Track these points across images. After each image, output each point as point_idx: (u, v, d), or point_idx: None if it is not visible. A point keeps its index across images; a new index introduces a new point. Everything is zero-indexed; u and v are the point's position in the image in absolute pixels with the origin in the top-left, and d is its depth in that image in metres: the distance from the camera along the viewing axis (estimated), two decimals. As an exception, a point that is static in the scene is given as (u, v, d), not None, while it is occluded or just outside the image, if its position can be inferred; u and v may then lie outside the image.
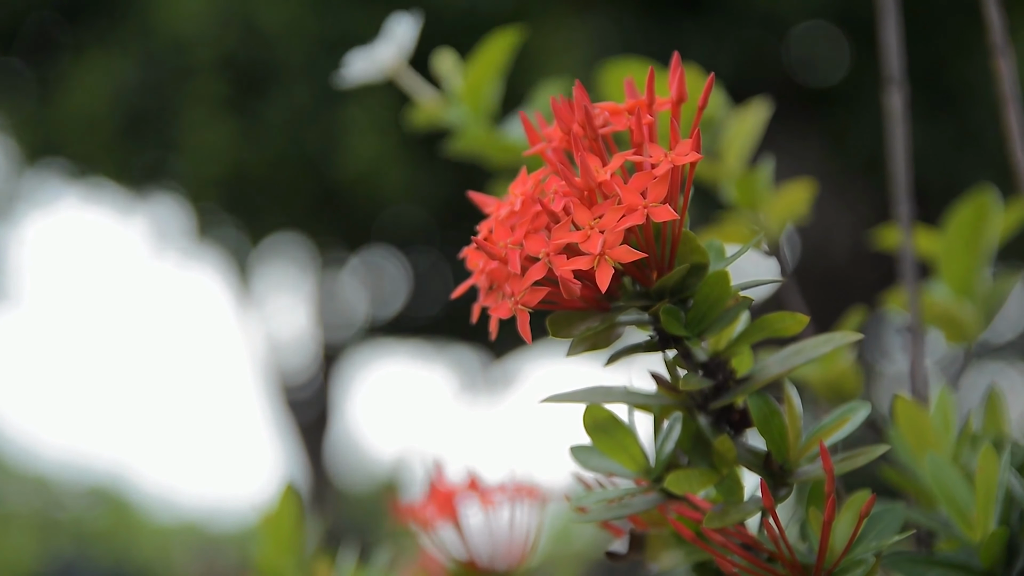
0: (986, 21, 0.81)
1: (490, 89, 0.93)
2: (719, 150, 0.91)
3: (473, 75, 0.93)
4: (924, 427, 0.70)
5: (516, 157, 0.93)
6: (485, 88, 0.93)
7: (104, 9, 4.28)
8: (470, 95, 0.93)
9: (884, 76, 0.89)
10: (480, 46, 0.93)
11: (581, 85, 0.57)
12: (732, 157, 0.91)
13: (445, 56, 0.95)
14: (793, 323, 0.59)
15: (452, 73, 0.94)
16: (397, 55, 0.92)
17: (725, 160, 0.91)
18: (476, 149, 0.94)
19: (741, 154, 0.91)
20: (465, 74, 0.93)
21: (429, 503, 0.87)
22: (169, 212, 5.07)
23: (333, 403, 6.13)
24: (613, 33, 3.69)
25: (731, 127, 0.91)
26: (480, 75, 0.93)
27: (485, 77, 0.93)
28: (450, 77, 0.94)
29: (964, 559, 0.64)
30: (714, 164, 0.91)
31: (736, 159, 0.91)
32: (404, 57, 0.92)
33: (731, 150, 0.91)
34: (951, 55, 3.77)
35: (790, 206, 0.90)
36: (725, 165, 0.91)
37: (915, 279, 0.85)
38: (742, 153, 0.91)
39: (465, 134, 0.93)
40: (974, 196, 0.87)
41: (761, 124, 0.90)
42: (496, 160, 0.93)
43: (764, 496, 0.56)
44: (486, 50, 0.92)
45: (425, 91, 0.95)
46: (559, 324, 0.57)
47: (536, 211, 0.55)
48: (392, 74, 0.93)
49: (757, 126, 0.90)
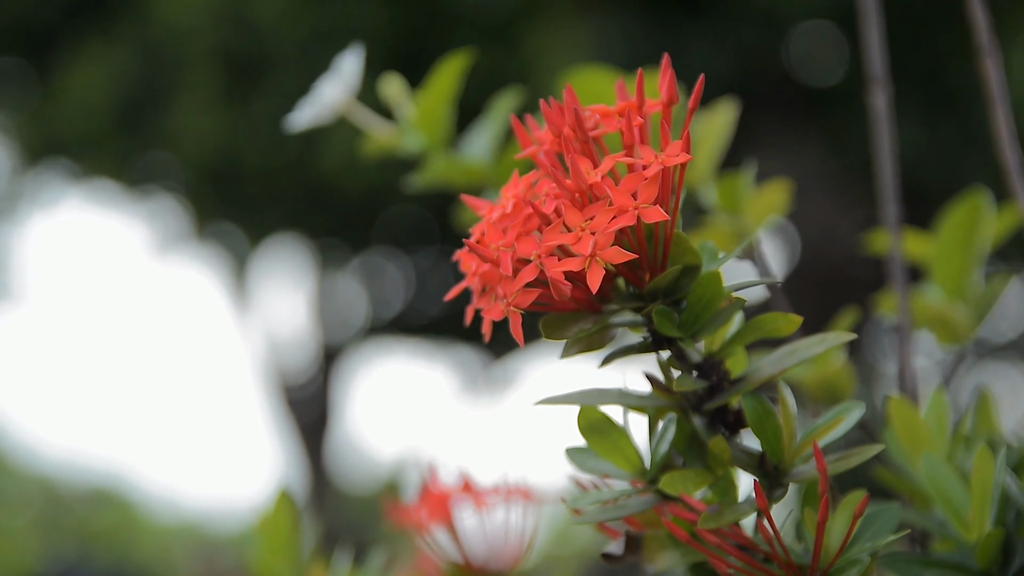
0: (971, 23, 0.81)
1: (444, 116, 0.93)
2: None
3: (427, 103, 0.92)
4: (918, 428, 0.71)
5: (479, 178, 0.92)
6: (439, 115, 0.92)
7: (102, 2, 4.29)
8: (425, 123, 0.92)
9: (868, 76, 0.88)
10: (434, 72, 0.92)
11: (571, 88, 0.57)
12: (701, 158, 0.90)
13: (391, 82, 0.94)
14: (786, 323, 0.59)
15: (401, 100, 0.94)
16: (344, 92, 0.92)
17: (695, 162, 0.90)
18: (438, 177, 0.93)
19: (710, 155, 0.90)
20: (419, 102, 0.93)
21: (424, 505, 0.87)
22: (168, 211, 5.08)
23: (333, 403, 6.13)
24: (613, 33, 3.69)
25: (698, 128, 0.90)
26: (434, 103, 0.92)
27: (439, 104, 0.92)
28: (399, 104, 0.94)
29: (960, 560, 0.64)
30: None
31: (705, 161, 0.90)
32: (352, 93, 0.92)
33: (700, 151, 0.90)
34: (951, 55, 3.77)
35: (770, 206, 0.90)
36: (695, 167, 0.90)
37: (904, 280, 0.85)
38: (711, 154, 0.90)
39: (428, 164, 0.92)
40: (967, 198, 0.87)
41: (729, 124, 0.89)
42: (459, 183, 0.92)
43: (758, 497, 0.56)
44: (438, 76, 0.92)
45: (378, 123, 0.94)
46: (552, 326, 0.57)
47: (527, 213, 0.55)
48: (343, 111, 0.93)
49: (725, 126, 0.89)
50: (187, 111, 4.13)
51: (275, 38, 3.93)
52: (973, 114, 3.77)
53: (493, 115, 0.93)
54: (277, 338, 6.12)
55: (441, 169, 0.92)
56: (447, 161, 0.92)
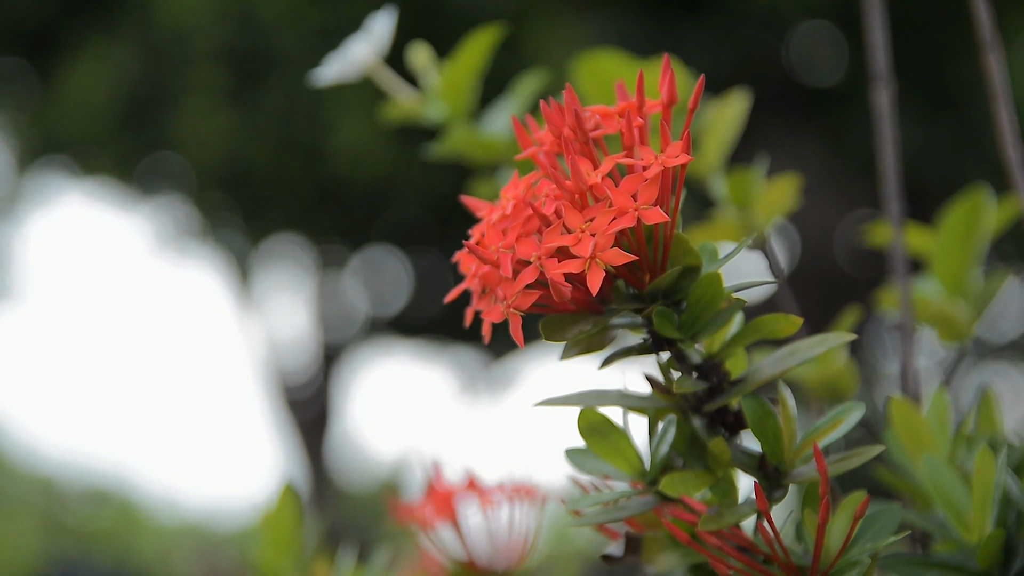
0: (973, 18, 0.81)
1: (469, 88, 0.92)
2: (696, 141, 0.89)
3: (452, 73, 0.92)
4: (919, 428, 0.70)
5: (497, 154, 0.92)
6: (464, 87, 0.92)
7: (104, 1, 4.29)
8: (449, 94, 0.92)
9: (871, 73, 0.88)
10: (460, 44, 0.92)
11: (572, 89, 0.57)
12: (711, 149, 0.90)
13: (419, 51, 0.93)
14: (787, 325, 0.59)
15: (427, 69, 0.93)
16: (373, 53, 0.92)
17: (704, 152, 0.90)
18: (457, 148, 0.93)
19: (721, 146, 0.90)
20: (444, 72, 0.92)
21: (427, 503, 0.87)
22: (170, 210, 5.08)
23: (333, 403, 6.13)
24: (612, 32, 3.69)
25: (709, 117, 0.89)
26: (460, 74, 0.92)
27: (465, 76, 0.92)
28: (425, 73, 0.94)
29: (961, 561, 0.64)
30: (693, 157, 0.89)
31: (715, 151, 0.90)
32: (380, 54, 0.92)
33: (710, 141, 0.89)
34: (951, 55, 3.77)
35: (778, 201, 0.89)
36: (704, 157, 0.90)
37: (906, 277, 0.85)
38: (722, 145, 0.90)
39: (448, 135, 0.92)
40: (968, 195, 0.87)
41: (741, 114, 0.89)
42: (477, 158, 0.92)
43: (758, 498, 0.56)
44: (466, 49, 0.91)
45: (402, 88, 0.94)
46: (552, 327, 0.57)
47: (527, 215, 0.55)
48: (369, 72, 0.92)
49: (737, 116, 0.89)
50: (191, 110, 4.13)
51: (280, 36, 3.93)
52: (973, 113, 3.77)
53: (516, 93, 0.93)
54: (278, 338, 6.12)
55: (461, 140, 0.92)
56: (468, 133, 0.92)
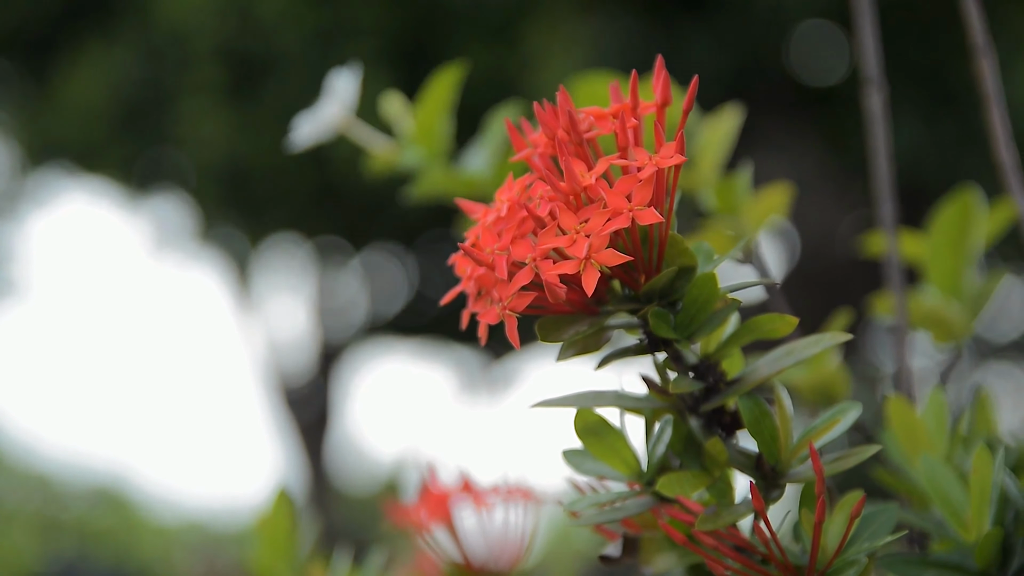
0: (966, 23, 0.81)
1: (442, 127, 0.93)
2: (693, 157, 0.90)
3: (423, 116, 0.92)
4: (916, 428, 0.71)
5: (479, 190, 0.92)
6: (436, 128, 0.92)
7: (103, 3, 4.29)
8: (422, 136, 0.92)
9: (862, 76, 0.88)
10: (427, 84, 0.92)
11: (565, 90, 0.57)
12: (706, 164, 0.90)
13: (391, 99, 0.94)
14: (783, 325, 0.59)
15: (400, 116, 0.94)
16: (342, 110, 0.92)
17: (699, 167, 0.90)
18: (434, 189, 0.93)
19: (715, 161, 0.90)
20: (416, 115, 0.92)
21: (423, 505, 0.87)
22: (170, 211, 5.08)
23: (333, 403, 6.13)
24: (614, 33, 3.69)
25: (704, 134, 0.90)
26: (430, 115, 0.92)
27: (435, 116, 0.92)
28: (399, 120, 0.94)
29: (958, 560, 0.64)
30: (689, 171, 0.90)
31: (710, 166, 0.90)
32: (350, 111, 0.92)
33: (705, 157, 0.90)
34: (950, 55, 3.76)
35: (769, 209, 0.90)
36: (700, 172, 0.90)
37: (900, 279, 0.85)
38: (716, 160, 0.90)
39: (424, 177, 0.92)
40: (958, 196, 0.87)
41: (734, 130, 0.90)
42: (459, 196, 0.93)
43: (755, 498, 0.56)
44: (433, 88, 0.92)
45: (377, 140, 0.94)
46: (548, 328, 0.57)
47: (522, 216, 0.55)
48: (342, 129, 0.93)
49: (730, 132, 0.89)
50: (192, 111, 4.13)
51: (279, 36, 3.93)
52: (973, 114, 3.76)
53: (492, 129, 0.93)
54: (277, 338, 6.12)
55: (439, 182, 0.92)
56: (445, 174, 0.92)
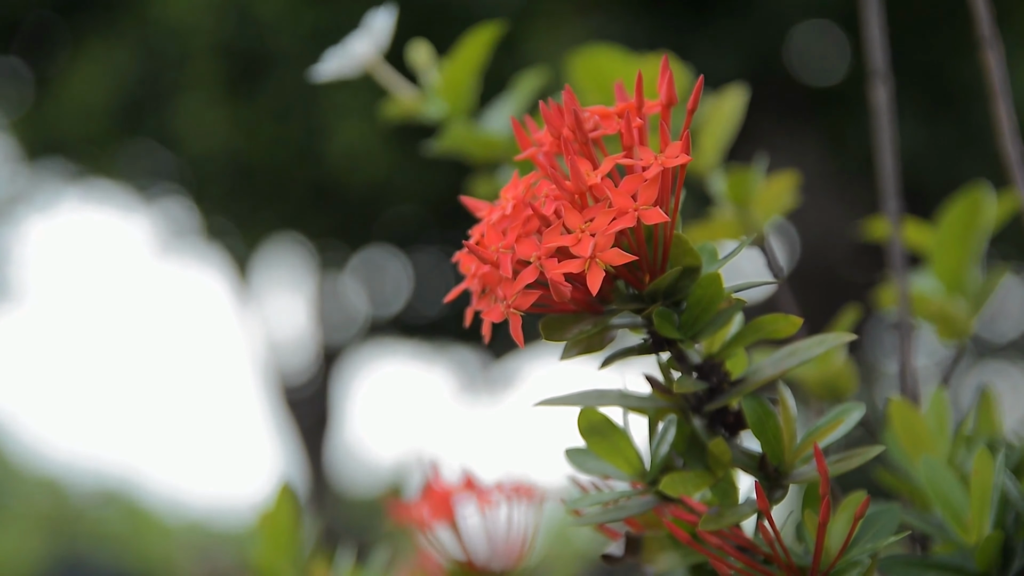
0: (973, 14, 0.80)
1: (469, 85, 0.92)
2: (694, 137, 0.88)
3: (452, 71, 0.92)
4: (918, 428, 0.70)
5: (496, 151, 0.92)
6: (464, 84, 0.92)
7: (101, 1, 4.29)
8: (449, 91, 0.92)
9: (869, 70, 0.88)
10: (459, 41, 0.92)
11: (571, 90, 0.57)
12: (709, 146, 0.89)
13: (420, 49, 0.93)
14: (787, 325, 0.59)
15: (427, 67, 0.93)
16: (374, 49, 0.91)
17: (701, 148, 0.89)
18: (456, 145, 0.93)
19: (718, 142, 0.89)
20: (444, 70, 0.92)
21: (425, 503, 0.87)
22: (170, 211, 5.08)
23: (333, 403, 6.13)
24: (615, 32, 3.69)
25: (706, 113, 0.89)
26: (459, 71, 0.91)
27: (464, 73, 0.91)
28: (425, 71, 0.93)
29: (959, 562, 0.64)
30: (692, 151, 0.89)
31: (713, 147, 0.89)
32: (380, 51, 0.92)
33: (708, 138, 0.89)
34: (951, 54, 3.76)
35: (777, 199, 0.89)
36: (701, 154, 0.89)
37: (904, 275, 0.85)
38: (719, 141, 0.89)
39: (447, 132, 0.92)
40: (968, 191, 0.87)
41: (739, 110, 0.88)
42: (476, 155, 0.92)
43: (759, 498, 0.56)
44: (465, 46, 0.91)
45: (402, 86, 0.94)
46: (552, 327, 0.57)
47: (527, 215, 0.55)
48: (369, 68, 0.92)
49: (735, 112, 0.88)
50: (190, 109, 4.13)
51: (277, 34, 3.93)
52: (973, 113, 3.77)
53: (517, 91, 0.93)
54: (278, 338, 6.12)
55: (460, 138, 0.92)
56: (467, 131, 0.92)
